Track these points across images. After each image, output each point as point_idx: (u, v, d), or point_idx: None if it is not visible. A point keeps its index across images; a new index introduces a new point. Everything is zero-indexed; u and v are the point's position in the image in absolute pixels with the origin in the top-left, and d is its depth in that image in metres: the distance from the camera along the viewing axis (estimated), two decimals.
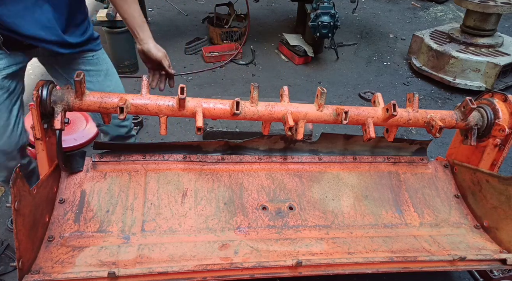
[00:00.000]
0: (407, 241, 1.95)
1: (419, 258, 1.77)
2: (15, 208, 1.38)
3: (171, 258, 1.70)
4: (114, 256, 1.68)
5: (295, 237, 1.92)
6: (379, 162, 2.28)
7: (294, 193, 2.11)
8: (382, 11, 6.26)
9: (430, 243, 1.94)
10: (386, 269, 1.75)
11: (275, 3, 6.32)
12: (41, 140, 1.70)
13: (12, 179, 1.36)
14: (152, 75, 1.97)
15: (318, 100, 1.84)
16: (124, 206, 1.91)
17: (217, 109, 1.79)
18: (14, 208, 1.38)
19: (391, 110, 1.80)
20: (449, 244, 1.94)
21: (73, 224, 1.80)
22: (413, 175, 2.27)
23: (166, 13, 5.76)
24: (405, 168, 2.29)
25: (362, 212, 2.09)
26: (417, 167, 2.31)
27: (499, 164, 2.08)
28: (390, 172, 2.26)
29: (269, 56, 4.83)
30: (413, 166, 2.30)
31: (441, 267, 1.80)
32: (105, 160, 2.02)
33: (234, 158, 2.16)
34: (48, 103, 1.62)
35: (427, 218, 2.11)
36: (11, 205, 1.37)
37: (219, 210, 1.98)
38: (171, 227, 1.88)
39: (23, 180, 1.46)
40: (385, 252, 1.84)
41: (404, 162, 2.30)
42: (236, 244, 1.82)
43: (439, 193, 2.23)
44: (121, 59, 4.12)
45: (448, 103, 4.08)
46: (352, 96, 4.14)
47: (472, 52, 4.14)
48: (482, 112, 2.05)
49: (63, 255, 1.65)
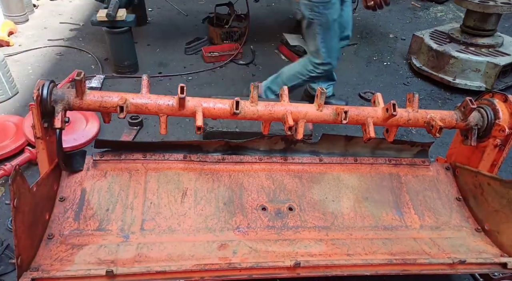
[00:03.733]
0: (407, 244, 1.94)
1: (418, 261, 1.77)
2: (14, 205, 1.39)
3: (169, 257, 1.70)
4: (113, 254, 1.69)
5: (294, 238, 1.92)
6: (380, 163, 2.27)
7: (294, 194, 2.11)
8: (382, 11, 6.25)
9: (430, 245, 1.94)
10: (385, 271, 1.74)
11: (275, 3, 6.32)
12: (42, 139, 1.71)
13: (12, 177, 1.37)
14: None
15: (318, 100, 1.84)
16: (124, 204, 1.91)
17: (217, 109, 1.79)
18: (13, 205, 1.38)
19: (391, 110, 1.80)
20: (449, 247, 1.93)
21: (73, 222, 1.81)
22: (414, 177, 2.26)
23: (166, 13, 5.76)
24: (406, 170, 2.28)
25: (362, 214, 2.09)
26: (419, 169, 2.30)
27: (499, 164, 2.08)
28: (391, 174, 2.25)
29: (269, 56, 4.83)
30: (414, 168, 2.29)
31: (441, 270, 1.79)
32: (105, 159, 2.02)
33: (235, 158, 2.16)
34: (49, 102, 1.63)
35: (428, 220, 2.11)
36: (10, 202, 1.38)
37: (218, 210, 1.99)
38: (170, 227, 1.89)
39: (23, 177, 1.46)
40: (384, 254, 1.84)
41: (405, 164, 2.30)
42: (235, 244, 1.82)
43: (440, 195, 2.22)
44: (121, 59, 4.11)
45: (448, 103, 4.08)
46: (352, 96, 4.14)
47: (472, 52, 4.13)
48: (482, 112, 2.05)
49: (62, 253, 1.66)
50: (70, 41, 4.81)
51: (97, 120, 3.29)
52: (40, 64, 4.28)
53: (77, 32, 5.04)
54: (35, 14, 5.45)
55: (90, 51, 4.58)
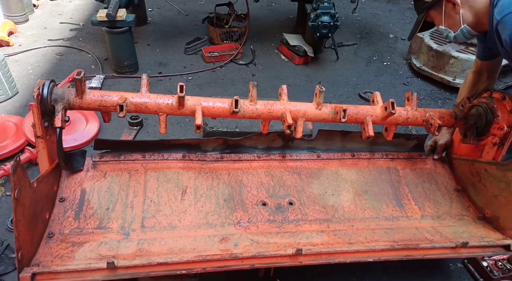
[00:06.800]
0: (409, 232, 1.94)
1: (421, 245, 1.76)
2: (15, 196, 1.39)
3: (170, 251, 1.70)
4: (114, 250, 1.69)
5: (296, 230, 1.93)
6: (377, 158, 2.29)
7: (293, 189, 2.12)
8: (382, 11, 6.26)
9: (433, 233, 1.94)
10: (388, 257, 1.73)
11: (275, 3, 6.32)
12: (42, 138, 1.71)
13: (13, 167, 1.37)
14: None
15: (317, 98, 1.85)
16: (124, 203, 1.92)
17: (216, 108, 1.80)
18: (14, 196, 1.39)
19: (390, 108, 1.81)
20: (451, 234, 1.93)
21: (73, 221, 1.81)
22: (412, 171, 2.28)
23: (166, 13, 5.76)
24: (403, 164, 2.30)
25: (362, 206, 2.10)
26: (416, 162, 2.32)
27: None
28: (389, 167, 2.27)
29: (269, 56, 4.83)
30: (411, 161, 2.32)
31: (444, 254, 1.78)
32: (105, 160, 2.03)
33: (233, 157, 2.17)
34: (49, 102, 1.63)
35: (429, 210, 2.12)
36: (11, 193, 1.38)
37: (219, 206, 1.99)
38: (171, 223, 1.89)
39: (24, 170, 1.47)
40: (386, 242, 1.84)
41: (402, 158, 2.32)
42: (236, 238, 1.83)
43: (439, 187, 2.24)
44: (121, 59, 4.12)
45: (448, 103, 4.08)
46: (352, 96, 4.14)
47: (472, 52, 4.14)
48: (480, 110, 2.06)
49: (62, 251, 1.66)
50: (70, 41, 4.82)
51: (97, 120, 3.29)
52: (40, 64, 4.28)
53: (77, 32, 5.05)
54: (35, 14, 5.45)
55: (90, 51, 4.58)
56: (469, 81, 2.36)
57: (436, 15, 1.98)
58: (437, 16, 1.98)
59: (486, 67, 2.26)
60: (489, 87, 2.25)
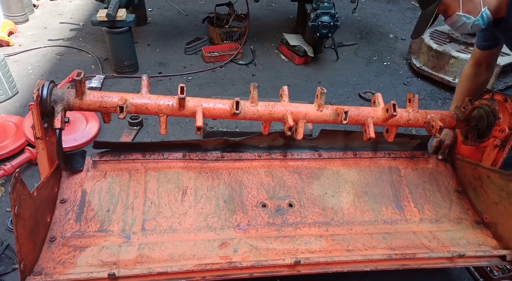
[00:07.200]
0: (407, 238, 1.95)
1: (418, 255, 1.77)
2: (15, 212, 1.39)
3: (171, 257, 1.70)
4: (115, 255, 1.69)
5: (295, 234, 1.93)
6: (379, 157, 2.28)
7: (293, 190, 2.12)
8: (382, 11, 6.25)
9: (430, 239, 1.94)
10: (385, 267, 1.75)
11: (275, 3, 6.31)
12: (42, 139, 1.70)
13: (12, 185, 1.36)
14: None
15: (318, 100, 1.84)
16: (125, 205, 1.92)
17: (217, 109, 1.79)
18: (14, 212, 1.38)
19: (391, 110, 1.80)
20: (449, 240, 1.93)
21: (75, 223, 1.81)
22: (413, 170, 2.27)
23: (166, 13, 5.75)
24: (405, 163, 2.29)
25: (361, 208, 2.10)
26: (418, 162, 2.31)
27: (499, 164, 2.08)
28: (390, 167, 2.26)
29: (269, 56, 4.83)
30: (414, 161, 2.31)
31: (440, 264, 1.80)
32: (105, 159, 2.02)
33: (234, 156, 2.16)
34: (49, 102, 1.63)
35: (428, 213, 2.12)
36: (11, 210, 1.37)
37: (219, 208, 1.99)
38: (171, 226, 1.89)
39: (23, 184, 1.46)
40: (384, 249, 1.85)
41: (405, 157, 2.31)
42: (235, 243, 1.83)
43: (440, 188, 2.23)
44: (121, 59, 4.11)
45: (448, 103, 4.07)
46: (352, 96, 4.14)
47: (472, 52, 4.13)
48: (482, 112, 2.05)
49: (64, 255, 1.66)
50: (70, 41, 4.81)
51: (97, 120, 3.29)
52: (40, 64, 4.28)
53: (77, 32, 5.04)
54: (35, 14, 5.45)
55: (90, 51, 4.58)
56: (468, 74, 2.34)
57: (452, 0, 1.81)
58: (453, 2, 1.81)
59: (485, 57, 2.25)
60: (488, 80, 2.25)
